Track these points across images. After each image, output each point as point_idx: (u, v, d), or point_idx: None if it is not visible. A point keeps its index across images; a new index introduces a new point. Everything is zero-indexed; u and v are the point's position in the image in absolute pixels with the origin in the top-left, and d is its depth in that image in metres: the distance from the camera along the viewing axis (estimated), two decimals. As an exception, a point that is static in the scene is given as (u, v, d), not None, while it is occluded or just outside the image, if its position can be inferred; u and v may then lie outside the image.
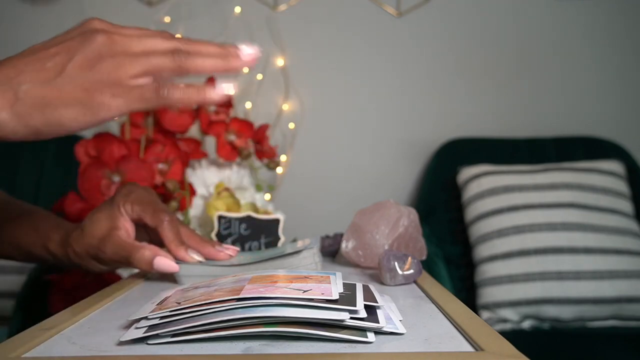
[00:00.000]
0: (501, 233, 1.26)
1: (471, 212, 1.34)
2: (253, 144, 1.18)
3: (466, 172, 1.40)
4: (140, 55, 0.39)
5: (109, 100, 0.37)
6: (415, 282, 0.47)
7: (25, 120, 0.36)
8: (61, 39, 0.38)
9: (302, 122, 1.59)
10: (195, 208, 0.96)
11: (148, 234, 0.54)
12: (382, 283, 0.47)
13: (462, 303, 0.37)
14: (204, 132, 1.18)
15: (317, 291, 0.32)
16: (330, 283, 0.34)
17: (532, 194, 1.29)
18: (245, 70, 0.43)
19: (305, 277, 0.37)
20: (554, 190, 1.29)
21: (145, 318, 0.32)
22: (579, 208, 1.26)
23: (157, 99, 0.38)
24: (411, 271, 0.46)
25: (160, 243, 0.51)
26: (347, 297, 0.32)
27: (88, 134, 1.19)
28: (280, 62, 1.57)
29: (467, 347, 0.29)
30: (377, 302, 0.33)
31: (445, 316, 0.35)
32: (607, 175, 1.33)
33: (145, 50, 0.39)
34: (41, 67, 0.36)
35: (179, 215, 0.96)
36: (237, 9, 1.54)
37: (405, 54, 1.61)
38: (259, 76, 1.55)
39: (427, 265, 1.17)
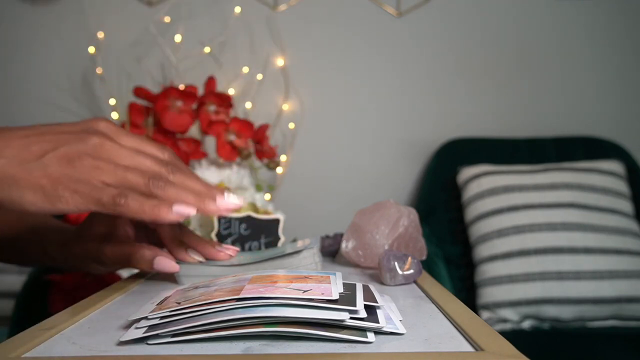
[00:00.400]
0: (501, 233, 1.26)
1: (471, 212, 1.34)
2: (253, 144, 1.18)
3: (466, 172, 1.40)
4: (120, 168, 0.40)
5: (69, 195, 0.38)
6: (415, 282, 0.47)
7: None
8: (62, 130, 0.40)
9: (302, 122, 1.59)
10: (195, 208, 0.96)
11: (147, 235, 0.54)
12: (382, 283, 0.47)
13: (462, 303, 0.37)
14: (204, 132, 1.18)
15: (317, 291, 0.32)
16: (330, 283, 0.34)
17: (532, 194, 1.29)
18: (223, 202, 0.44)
19: (305, 277, 0.37)
20: (554, 190, 1.29)
21: (145, 318, 0.32)
22: (579, 208, 1.26)
23: (113, 206, 0.39)
24: (411, 271, 0.46)
25: (159, 244, 0.51)
26: (347, 297, 0.32)
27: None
28: (280, 62, 1.57)
29: (467, 347, 0.29)
30: (377, 302, 0.33)
31: (445, 316, 0.35)
32: (607, 175, 1.33)
33: (129, 166, 0.40)
34: (26, 148, 0.38)
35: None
36: (237, 9, 1.54)
37: (405, 54, 1.61)
38: (259, 76, 1.55)
39: (427, 265, 1.17)
